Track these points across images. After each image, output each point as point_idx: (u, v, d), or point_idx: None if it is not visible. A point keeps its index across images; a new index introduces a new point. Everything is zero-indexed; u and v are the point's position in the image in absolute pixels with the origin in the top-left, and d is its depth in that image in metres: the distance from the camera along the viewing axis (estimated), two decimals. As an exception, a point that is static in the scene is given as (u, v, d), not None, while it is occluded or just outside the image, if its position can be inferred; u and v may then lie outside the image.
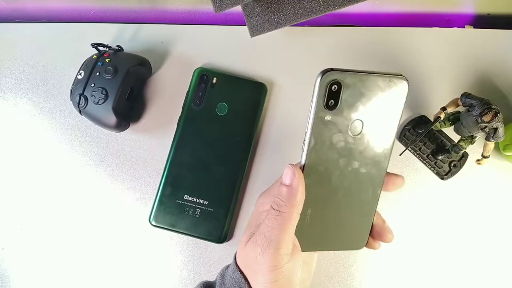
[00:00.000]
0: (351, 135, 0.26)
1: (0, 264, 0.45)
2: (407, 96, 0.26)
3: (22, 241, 0.45)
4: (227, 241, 0.44)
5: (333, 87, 0.24)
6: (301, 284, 0.29)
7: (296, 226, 0.26)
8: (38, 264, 0.45)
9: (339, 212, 0.28)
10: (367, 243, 0.29)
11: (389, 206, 0.45)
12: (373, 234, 0.29)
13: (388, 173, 0.28)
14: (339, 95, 0.25)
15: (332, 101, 0.24)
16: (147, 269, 0.44)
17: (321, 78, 0.24)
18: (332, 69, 0.24)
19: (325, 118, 0.25)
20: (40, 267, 0.44)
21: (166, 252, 0.44)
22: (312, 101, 0.25)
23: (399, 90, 0.26)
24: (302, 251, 0.27)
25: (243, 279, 0.26)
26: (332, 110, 0.25)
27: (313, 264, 0.31)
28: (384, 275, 0.44)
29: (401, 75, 0.26)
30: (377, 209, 0.29)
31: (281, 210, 0.25)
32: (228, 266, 0.30)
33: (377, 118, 0.26)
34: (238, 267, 0.27)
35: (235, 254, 0.29)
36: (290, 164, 0.26)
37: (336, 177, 0.26)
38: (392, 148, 0.27)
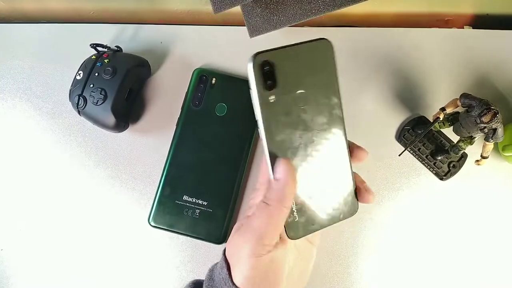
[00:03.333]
0: (299, 107, 0.26)
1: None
2: (335, 55, 0.26)
3: (21, 242, 0.45)
4: (226, 241, 0.44)
5: (265, 69, 0.25)
6: (298, 276, 0.29)
7: (285, 223, 0.26)
8: (37, 264, 0.44)
9: (319, 189, 0.27)
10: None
11: (388, 206, 0.45)
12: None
13: (353, 144, 0.28)
14: (274, 74, 0.25)
15: (270, 82, 0.25)
16: (147, 270, 0.44)
17: (252, 64, 0.24)
18: (259, 53, 0.25)
19: (270, 100, 0.25)
20: (39, 267, 0.44)
21: (165, 253, 0.44)
22: (251, 89, 0.25)
23: (326, 51, 0.27)
24: (292, 239, 0.27)
25: (228, 276, 0.26)
26: (273, 90, 0.25)
27: (311, 257, 0.31)
28: (383, 275, 0.44)
29: (323, 38, 0.26)
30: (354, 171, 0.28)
31: (268, 203, 0.25)
32: (217, 263, 0.30)
33: (316, 83, 0.26)
34: (226, 263, 0.27)
35: (224, 249, 0.29)
36: (283, 158, 0.26)
37: (301, 155, 0.26)
38: (341, 105, 0.27)
